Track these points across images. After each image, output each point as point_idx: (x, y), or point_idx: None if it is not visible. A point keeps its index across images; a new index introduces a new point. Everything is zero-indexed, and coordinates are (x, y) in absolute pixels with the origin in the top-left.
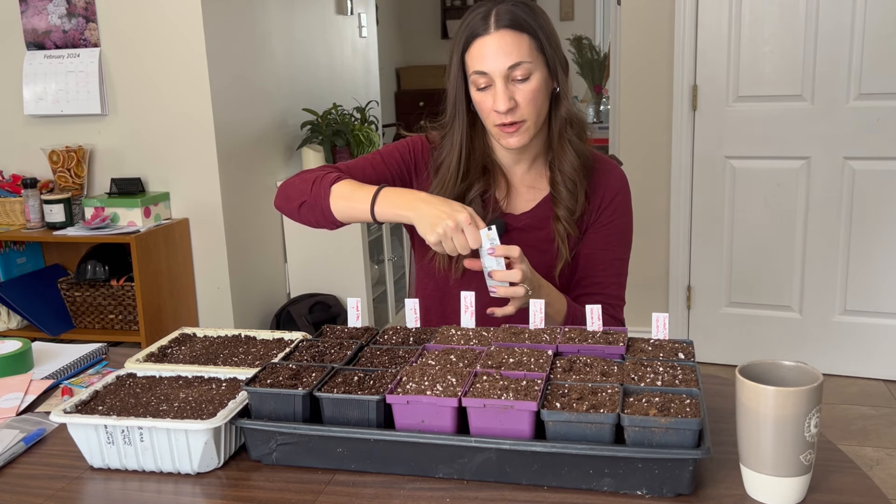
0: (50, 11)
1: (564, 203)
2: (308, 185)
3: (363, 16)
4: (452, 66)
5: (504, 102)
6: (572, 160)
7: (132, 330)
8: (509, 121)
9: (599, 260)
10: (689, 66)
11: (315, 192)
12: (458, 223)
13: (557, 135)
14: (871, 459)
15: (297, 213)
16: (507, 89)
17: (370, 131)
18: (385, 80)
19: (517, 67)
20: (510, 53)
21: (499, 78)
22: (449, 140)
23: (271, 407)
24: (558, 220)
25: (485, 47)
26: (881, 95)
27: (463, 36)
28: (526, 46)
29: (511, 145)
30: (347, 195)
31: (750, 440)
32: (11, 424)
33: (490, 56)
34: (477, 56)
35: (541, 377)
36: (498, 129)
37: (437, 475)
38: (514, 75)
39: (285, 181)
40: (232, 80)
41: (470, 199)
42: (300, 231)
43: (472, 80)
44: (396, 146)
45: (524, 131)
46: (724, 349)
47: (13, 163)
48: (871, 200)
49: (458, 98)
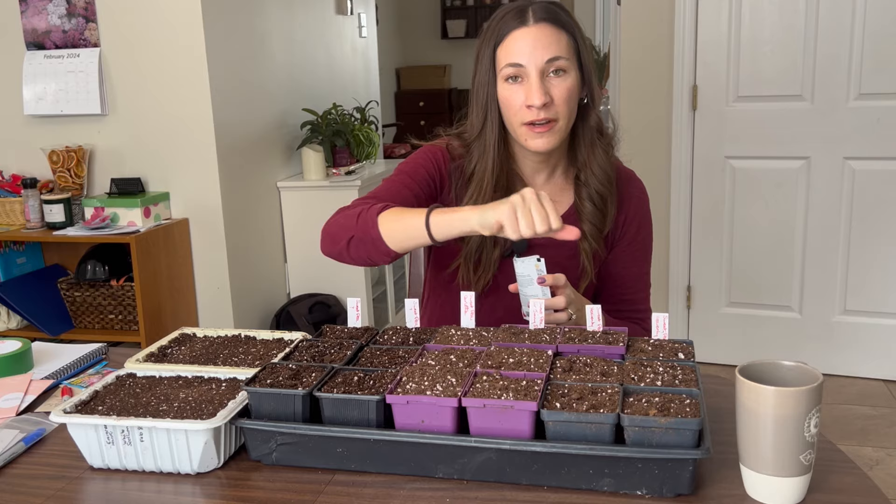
0: (50, 11)
1: (590, 219)
2: (353, 219)
3: (363, 16)
4: (482, 63)
5: (540, 96)
6: (600, 174)
7: (132, 330)
8: (542, 117)
9: (627, 277)
10: (689, 66)
11: (362, 224)
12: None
13: (588, 145)
14: (871, 459)
15: (347, 251)
16: (543, 84)
17: (370, 131)
18: (385, 80)
19: (555, 61)
20: (549, 46)
21: (535, 70)
22: (480, 146)
23: (271, 407)
24: (584, 237)
25: (522, 38)
26: (881, 95)
27: (496, 31)
28: (565, 43)
29: (539, 147)
30: (398, 220)
31: (750, 440)
32: (11, 424)
33: (528, 47)
34: (512, 47)
35: (541, 377)
36: (526, 128)
37: (437, 475)
38: (550, 70)
39: (326, 223)
40: (232, 81)
41: None
42: (300, 231)
43: (504, 74)
44: (420, 162)
45: (555, 132)
46: (724, 349)
47: (13, 163)
48: (871, 200)
49: (489, 98)
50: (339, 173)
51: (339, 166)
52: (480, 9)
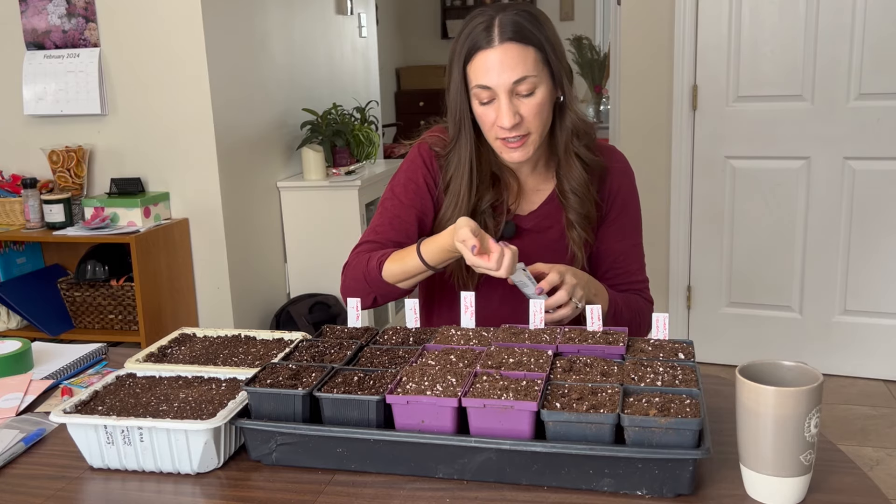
0: (50, 11)
1: (575, 209)
2: (363, 281)
3: (363, 16)
4: (453, 78)
5: (509, 119)
6: (579, 175)
7: (132, 330)
8: (514, 135)
9: (619, 252)
10: (689, 66)
11: (374, 284)
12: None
13: (564, 147)
14: (871, 459)
15: (376, 304)
16: (512, 104)
17: (370, 131)
18: (385, 80)
19: (522, 82)
20: (515, 67)
21: (503, 93)
22: (456, 155)
23: (271, 407)
24: (572, 226)
25: (488, 61)
26: (881, 95)
27: (465, 47)
28: (531, 59)
29: (515, 159)
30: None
31: (750, 440)
32: (11, 424)
33: (494, 70)
34: (480, 70)
35: (541, 377)
36: (500, 143)
37: (437, 475)
38: (519, 90)
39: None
40: (232, 81)
41: (481, 210)
42: (300, 231)
43: (475, 94)
44: (409, 176)
45: (529, 145)
46: (724, 349)
47: (13, 163)
48: (871, 200)
49: (462, 112)
50: (339, 173)
51: (339, 166)
52: None
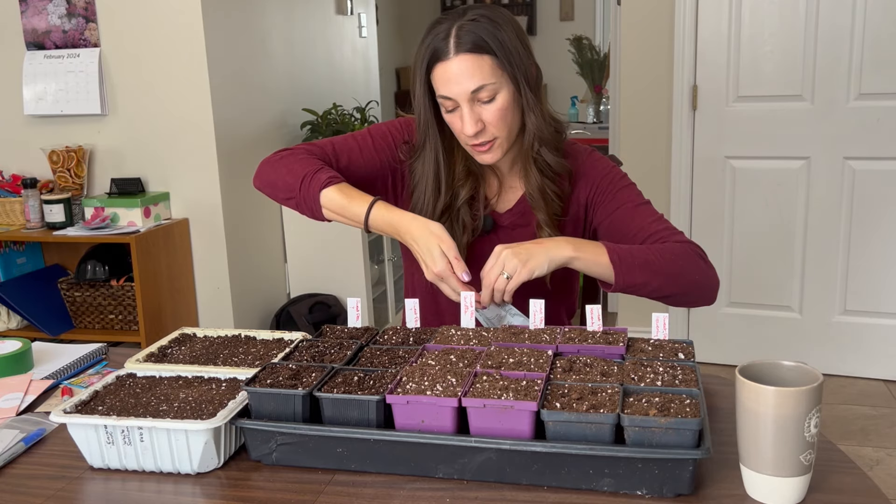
0: (50, 11)
1: (541, 208)
2: (297, 180)
3: (363, 16)
4: (417, 86)
5: (471, 126)
6: (536, 179)
7: (132, 330)
8: (479, 141)
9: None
10: (689, 66)
11: (304, 191)
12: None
13: (524, 153)
14: (871, 459)
15: (283, 203)
16: (474, 112)
17: None
18: (385, 80)
19: (481, 90)
20: (472, 77)
21: (464, 102)
22: (421, 162)
23: (271, 407)
24: (541, 226)
25: (447, 72)
26: (881, 95)
27: (426, 57)
28: (488, 68)
29: (486, 161)
30: (340, 205)
31: (750, 440)
32: (11, 424)
33: (453, 81)
34: (441, 80)
35: (541, 377)
36: (471, 147)
37: (437, 475)
38: (480, 97)
39: (267, 162)
40: (232, 81)
41: (458, 207)
42: (300, 231)
43: (441, 103)
44: (391, 130)
45: (497, 148)
46: (724, 349)
47: (13, 163)
48: (871, 200)
49: (426, 119)
50: None
51: None
52: None
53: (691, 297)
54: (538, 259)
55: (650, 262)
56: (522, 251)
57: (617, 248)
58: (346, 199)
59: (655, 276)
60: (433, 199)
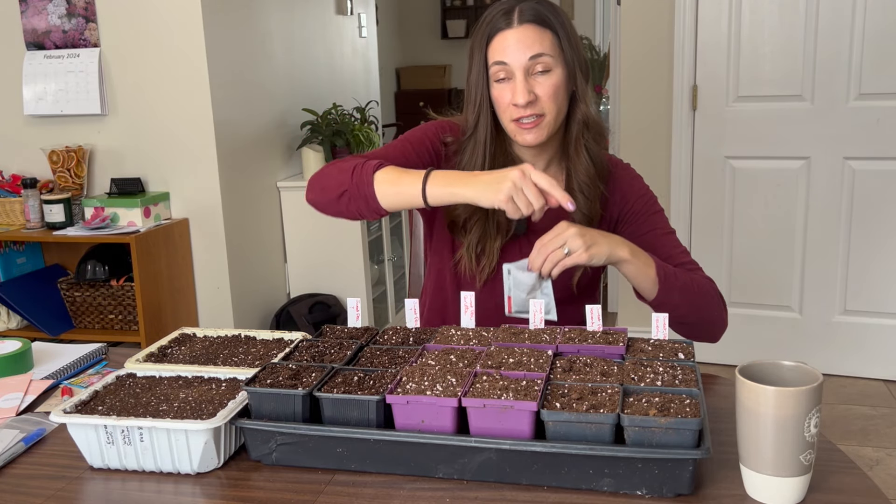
0: (50, 11)
1: (580, 209)
2: (347, 174)
3: (363, 16)
4: (474, 63)
5: (524, 95)
6: (587, 166)
7: (132, 330)
8: (529, 114)
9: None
10: (689, 66)
11: (357, 180)
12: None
13: (574, 139)
14: (871, 459)
15: (336, 204)
16: (527, 82)
17: (370, 131)
18: (385, 80)
19: (538, 59)
20: (532, 45)
21: (519, 70)
22: (472, 143)
23: (271, 407)
24: None
25: (506, 40)
26: (881, 95)
27: (485, 32)
28: (548, 41)
29: (528, 142)
30: (394, 180)
31: (750, 440)
32: (11, 424)
33: (511, 47)
34: (498, 48)
35: (541, 377)
36: (515, 124)
37: (437, 475)
38: (535, 68)
39: (317, 173)
40: (232, 81)
41: None
42: (300, 231)
43: (493, 73)
44: (428, 134)
45: (543, 127)
46: (724, 349)
47: (13, 163)
48: (871, 200)
49: (481, 96)
50: None
51: None
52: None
53: (703, 331)
54: (601, 248)
55: (687, 288)
56: (588, 235)
57: (664, 266)
58: (400, 174)
59: (687, 302)
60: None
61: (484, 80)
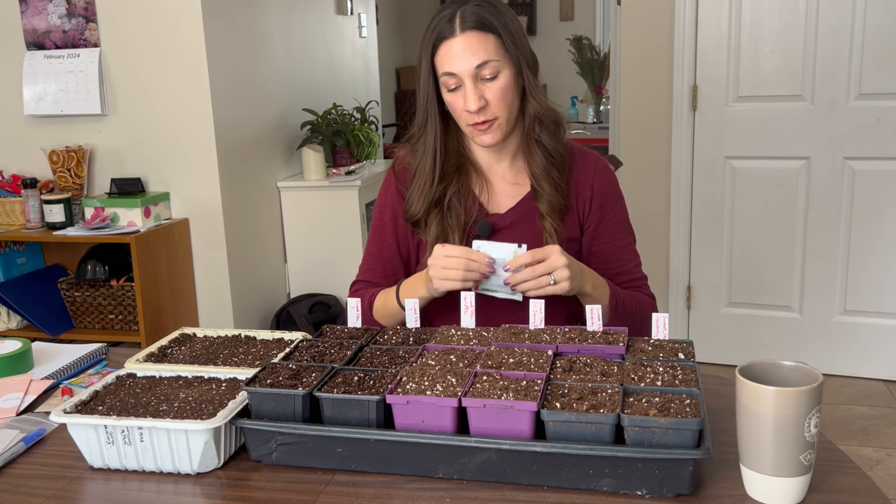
0: (50, 11)
1: (546, 197)
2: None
3: (363, 16)
4: (422, 69)
5: (474, 102)
6: (540, 160)
7: (132, 330)
8: (481, 119)
9: (611, 253)
10: (689, 66)
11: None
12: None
13: (526, 134)
14: (871, 459)
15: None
16: (477, 88)
17: (370, 131)
18: (385, 80)
19: (484, 66)
20: (476, 53)
21: (467, 77)
22: (422, 143)
23: (271, 407)
24: (542, 216)
25: (451, 49)
26: (881, 95)
27: (430, 40)
28: (492, 45)
29: (485, 143)
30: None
31: (750, 440)
32: (11, 424)
33: (457, 56)
34: (445, 58)
35: (541, 377)
36: (471, 128)
37: (437, 475)
38: (483, 74)
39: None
40: (232, 80)
41: (447, 199)
42: (300, 231)
43: (443, 82)
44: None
45: (496, 128)
46: (724, 349)
47: (13, 163)
48: (871, 200)
49: (429, 101)
50: (339, 173)
51: (339, 166)
52: None
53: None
54: (577, 282)
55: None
56: (576, 269)
57: (616, 294)
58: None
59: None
60: (431, 176)
61: (432, 86)
